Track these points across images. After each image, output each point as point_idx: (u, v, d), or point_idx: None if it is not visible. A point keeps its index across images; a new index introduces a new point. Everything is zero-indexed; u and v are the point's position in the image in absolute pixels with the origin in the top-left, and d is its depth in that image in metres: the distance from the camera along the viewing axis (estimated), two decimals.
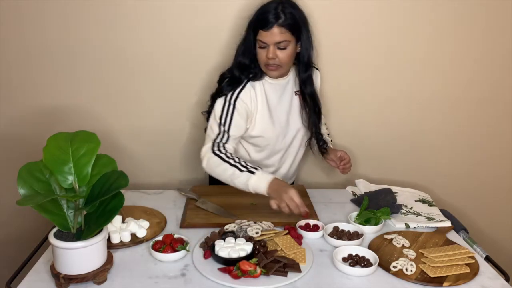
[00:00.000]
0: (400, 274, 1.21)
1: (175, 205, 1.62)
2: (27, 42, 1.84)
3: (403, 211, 1.60)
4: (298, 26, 1.52)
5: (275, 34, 1.48)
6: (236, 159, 1.50)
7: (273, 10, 1.48)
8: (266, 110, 1.62)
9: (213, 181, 1.78)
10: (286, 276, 1.18)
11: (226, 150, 1.53)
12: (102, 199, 1.10)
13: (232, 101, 1.56)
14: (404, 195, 1.74)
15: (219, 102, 1.58)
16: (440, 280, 1.19)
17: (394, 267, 1.24)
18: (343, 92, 1.97)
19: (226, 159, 1.50)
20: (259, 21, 1.50)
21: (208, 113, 1.64)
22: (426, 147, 2.10)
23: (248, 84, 1.59)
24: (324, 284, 1.18)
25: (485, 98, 2.04)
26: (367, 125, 2.04)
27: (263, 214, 1.51)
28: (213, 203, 1.57)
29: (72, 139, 1.15)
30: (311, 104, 1.67)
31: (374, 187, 1.78)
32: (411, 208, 1.63)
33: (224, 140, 1.55)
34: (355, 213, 1.52)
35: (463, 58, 1.98)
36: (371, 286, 1.18)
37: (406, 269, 1.22)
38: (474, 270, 1.24)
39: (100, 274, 1.14)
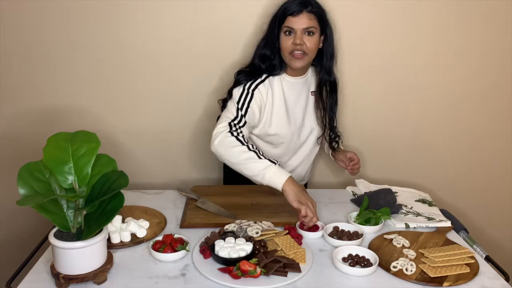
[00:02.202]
0: (400, 274, 1.21)
1: (175, 205, 1.61)
2: (27, 42, 1.84)
3: (403, 211, 1.60)
4: (325, 17, 1.56)
5: (304, 19, 1.51)
6: (255, 146, 1.49)
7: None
8: (284, 108, 1.63)
9: (228, 180, 1.83)
10: (286, 276, 1.18)
11: (243, 134, 1.52)
12: (102, 199, 1.10)
13: (250, 90, 1.57)
14: (404, 195, 1.74)
15: (237, 89, 1.58)
16: (440, 280, 1.19)
17: (394, 267, 1.24)
18: (342, 92, 1.97)
19: (245, 142, 1.48)
20: (287, 8, 1.52)
21: (224, 101, 1.66)
22: (426, 147, 2.10)
23: (267, 80, 1.60)
24: (324, 284, 1.18)
25: (485, 98, 2.04)
26: (366, 125, 2.04)
27: (263, 214, 1.51)
28: (213, 203, 1.57)
29: (72, 139, 1.15)
30: (329, 99, 1.68)
31: (374, 187, 1.78)
32: (411, 208, 1.63)
33: (241, 124, 1.54)
34: (355, 213, 1.52)
35: (463, 58, 1.98)
36: (371, 286, 1.18)
37: (406, 269, 1.22)
38: (474, 270, 1.24)
39: (100, 274, 1.14)
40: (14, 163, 1.31)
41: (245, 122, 1.56)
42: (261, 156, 1.45)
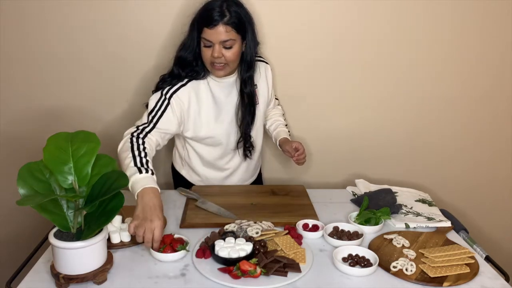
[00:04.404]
0: (400, 274, 1.21)
1: (175, 205, 1.61)
2: (27, 42, 1.85)
3: (403, 211, 1.60)
4: (244, 25, 1.50)
5: (221, 32, 1.46)
6: (143, 154, 1.40)
7: (218, 8, 1.46)
8: (213, 109, 1.61)
9: (177, 183, 1.84)
10: (286, 276, 1.18)
11: (143, 142, 1.46)
12: (102, 199, 1.10)
13: (167, 96, 1.54)
14: (404, 195, 1.74)
15: (154, 96, 1.56)
16: (440, 280, 1.19)
17: (394, 267, 1.24)
18: (342, 92, 1.98)
19: (135, 150, 1.41)
20: (203, 19, 1.47)
21: (147, 105, 1.59)
22: (426, 147, 2.10)
23: (189, 84, 1.57)
24: (324, 284, 1.18)
25: (485, 98, 2.04)
26: (366, 125, 2.04)
27: (263, 214, 1.51)
28: (213, 203, 1.57)
29: (72, 139, 1.15)
30: (247, 105, 1.64)
31: (374, 187, 1.78)
32: (411, 208, 1.63)
33: (147, 130, 1.50)
34: (355, 213, 1.52)
35: (462, 58, 1.98)
36: (371, 286, 1.18)
37: (406, 269, 1.22)
38: (474, 270, 1.24)
39: (100, 274, 1.14)
40: (14, 163, 1.31)
41: (153, 128, 1.51)
42: (138, 164, 1.36)
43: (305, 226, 1.43)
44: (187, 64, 1.56)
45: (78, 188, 1.13)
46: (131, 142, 1.44)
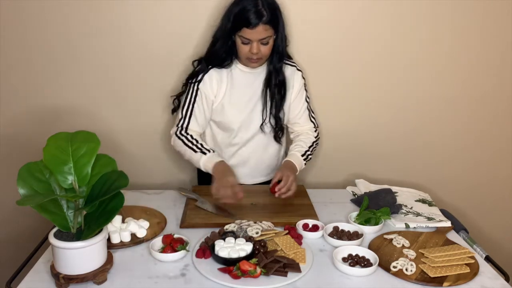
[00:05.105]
0: (400, 274, 1.21)
1: (175, 205, 1.62)
2: (27, 42, 1.84)
3: (403, 211, 1.60)
4: (278, 20, 1.56)
5: (260, 32, 1.51)
6: (194, 142, 1.63)
7: (254, 8, 1.49)
8: (233, 96, 1.66)
9: (202, 180, 1.87)
10: (286, 276, 1.18)
11: (187, 133, 1.65)
12: (102, 199, 1.10)
13: (195, 87, 1.65)
14: (404, 195, 1.74)
15: (187, 87, 1.68)
16: (440, 280, 1.19)
17: (394, 267, 1.24)
18: (341, 91, 1.97)
19: (186, 141, 1.63)
20: (242, 20, 1.51)
21: (177, 96, 1.75)
22: (426, 147, 2.10)
23: (212, 70, 1.64)
24: (324, 284, 1.18)
25: (485, 97, 2.04)
26: (367, 125, 2.04)
27: (263, 214, 1.51)
28: (213, 203, 1.57)
29: (72, 139, 1.15)
30: (275, 94, 1.68)
31: (374, 187, 1.78)
32: (411, 208, 1.63)
33: (185, 125, 1.66)
34: (355, 213, 1.52)
35: (462, 58, 1.98)
36: (371, 286, 1.18)
37: (406, 269, 1.22)
38: (474, 270, 1.24)
39: (100, 274, 1.14)
40: (14, 163, 1.31)
41: (189, 122, 1.66)
42: (197, 150, 1.61)
43: (305, 226, 1.43)
44: (219, 58, 1.63)
45: (78, 188, 1.12)
46: (179, 138, 1.65)
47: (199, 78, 1.64)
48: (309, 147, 1.71)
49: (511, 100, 2.05)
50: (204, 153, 1.59)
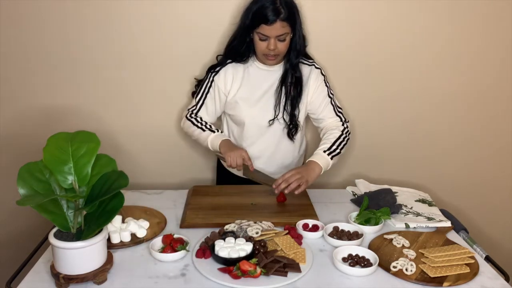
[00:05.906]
0: (400, 274, 1.21)
1: (175, 205, 1.62)
2: (27, 43, 1.84)
3: (403, 211, 1.60)
4: (295, 18, 1.58)
5: (278, 28, 1.54)
6: (204, 123, 1.70)
7: (272, 5, 1.53)
8: (247, 91, 1.68)
9: (221, 181, 1.90)
10: (286, 276, 1.18)
11: (197, 116, 1.72)
12: (102, 199, 1.10)
13: (210, 78, 1.71)
14: (404, 195, 1.74)
15: (206, 75, 1.73)
16: (440, 280, 1.19)
17: (394, 267, 1.24)
18: (342, 91, 1.97)
19: (195, 122, 1.70)
20: (260, 17, 1.54)
21: (198, 82, 1.80)
22: (426, 147, 2.10)
23: (229, 65, 1.69)
24: (324, 284, 1.18)
25: (485, 98, 2.04)
26: (366, 125, 2.04)
27: (263, 214, 1.51)
28: (261, 171, 1.66)
29: (72, 139, 1.15)
30: (290, 91, 1.69)
31: (374, 187, 1.78)
32: (411, 208, 1.63)
33: (195, 111, 1.74)
34: (355, 213, 1.52)
35: (462, 58, 1.98)
36: (371, 286, 1.18)
37: (406, 269, 1.22)
38: (474, 270, 1.24)
39: (100, 274, 1.14)
40: (14, 163, 1.31)
41: (200, 109, 1.73)
42: (205, 129, 1.68)
43: (305, 226, 1.43)
44: (237, 53, 1.67)
45: (78, 188, 1.12)
46: (189, 120, 1.72)
47: (216, 69, 1.70)
48: (334, 142, 1.66)
49: (511, 101, 2.05)
50: (213, 131, 1.66)
